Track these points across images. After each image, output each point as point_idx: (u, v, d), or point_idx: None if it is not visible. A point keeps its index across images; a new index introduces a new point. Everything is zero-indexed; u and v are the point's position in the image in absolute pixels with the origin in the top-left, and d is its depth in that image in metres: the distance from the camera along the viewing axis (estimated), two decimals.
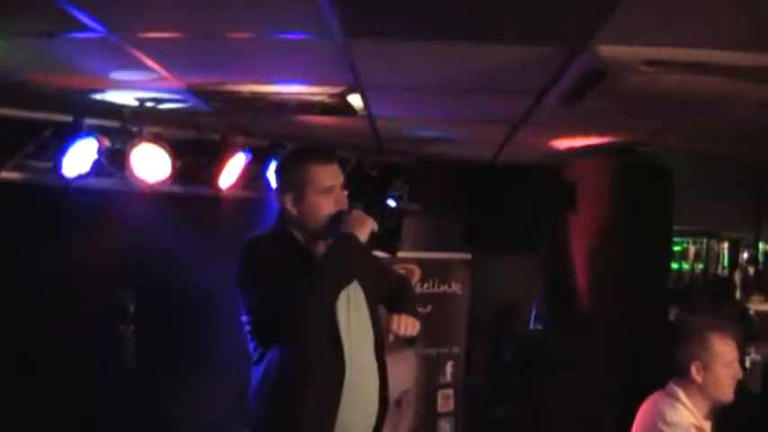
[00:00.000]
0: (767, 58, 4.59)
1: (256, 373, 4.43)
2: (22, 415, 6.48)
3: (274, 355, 4.34)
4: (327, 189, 4.38)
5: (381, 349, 4.61)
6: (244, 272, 4.35)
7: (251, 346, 4.47)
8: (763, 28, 4.10)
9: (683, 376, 4.89)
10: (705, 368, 4.81)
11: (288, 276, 4.16)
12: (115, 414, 6.93)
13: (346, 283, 4.30)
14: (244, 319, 4.44)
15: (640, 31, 4.28)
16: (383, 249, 4.54)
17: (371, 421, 4.54)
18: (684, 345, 4.92)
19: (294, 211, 4.41)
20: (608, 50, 4.57)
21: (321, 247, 4.41)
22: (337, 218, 4.37)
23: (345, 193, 4.49)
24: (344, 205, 4.43)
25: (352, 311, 4.46)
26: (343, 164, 8.62)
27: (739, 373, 4.88)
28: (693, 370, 4.82)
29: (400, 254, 6.26)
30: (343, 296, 4.36)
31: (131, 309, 6.69)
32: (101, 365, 6.75)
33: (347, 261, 4.26)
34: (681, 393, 4.88)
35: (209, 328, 7.35)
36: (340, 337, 4.32)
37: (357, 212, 4.35)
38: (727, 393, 4.85)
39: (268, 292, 4.19)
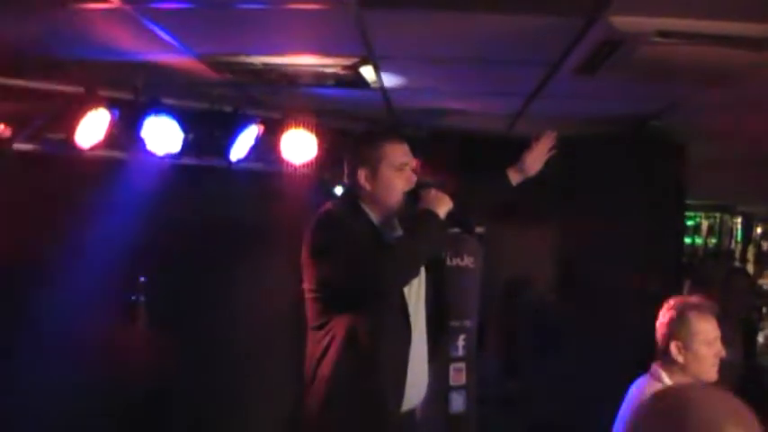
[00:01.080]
0: None
1: (316, 338, 4.62)
2: (32, 390, 6.50)
3: (343, 322, 4.50)
4: (401, 166, 4.57)
5: (431, 323, 4.75)
6: (320, 242, 4.53)
7: (313, 313, 4.66)
8: None
9: (665, 357, 4.89)
10: (685, 348, 4.80)
11: (364, 248, 4.29)
12: (125, 386, 6.97)
13: (427, 257, 4.44)
14: (307, 287, 4.62)
15: (654, 1, 4.27)
16: (461, 227, 4.72)
17: (423, 389, 4.76)
18: (664, 325, 4.92)
19: (368, 186, 4.59)
20: (622, 21, 4.56)
21: (393, 224, 4.52)
22: (414, 196, 4.49)
23: (414, 174, 4.60)
24: (413, 185, 4.64)
25: (414, 286, 4.62)
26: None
27: (722, 352, 4.86)
28: (674, 350, 4.81)
29: None
30: None
31: (142, 279, 6.72)
32: (112, 335, 6.78)
33: (431, 237, 4.39)
34: (664, 375, 4.89)
35: (221, 297, 7.37)
36: (408, 307, 4.54)
37: (436, 192, 4.47)
38: (709, 372, 4.84)
39: (347, 261, 4.37)
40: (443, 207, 4.51)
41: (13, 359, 6.42)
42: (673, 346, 4.81)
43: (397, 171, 4.59)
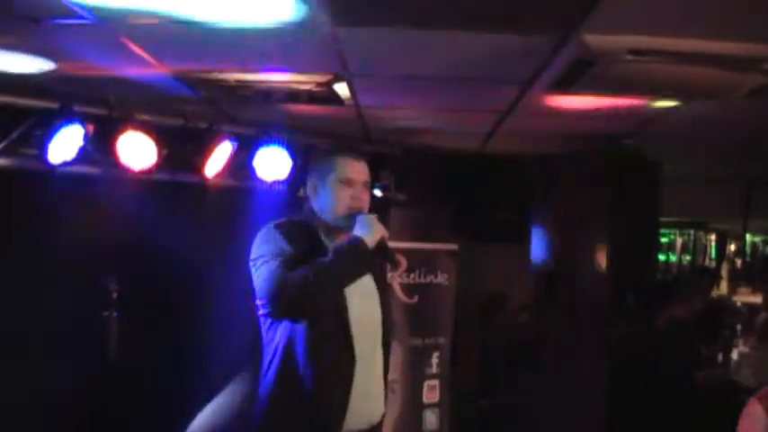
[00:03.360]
0: (754, 47, 4.60)
1: (266, 354, 4.61)
2: (6, 401, 6.47)
3: (283, 337, 4.50)
4: (348, 181, 4.54)
5: (388, 342, 4.72)
6: (252, 256, 4.53)
7: (261, 328, 4.65)
8: (748, 16, 4.11)
9: None
10: None
11: (278, 266, 4.29)
12: (98, 401, 6.94)
13: (342, 284, 4.38)
14: (256, 302, 4.60)
15: (626, 20, 4.29)
16: (384, 257, 4.63)
17: (380, 403, 4.68)
18: None
19: (314, 198, 4.57)
20: (594, 39, 4.58)
21: (340, 240, 4.51)
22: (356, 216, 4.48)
23: (367, 194, 4.57)
24: (363, 204, 4.58)
25: (365, 304, 4.62)
26: None
27: None
28: None
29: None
30: (357, 289, 4.52)
31: (114, 295, 6.70)
32: (84, 352, 6.75)
33: (350, 264, 4.36)
34: None
35: (193, 314, 7.36)
36: (349, 327, 4.47)
37: (371, 216, 4.43)
38: None
39: (262, 278, 4.38)
40: (375, 234, 4.46)
41: None
42: None
43: (344, 186, 4.56)
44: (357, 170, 4.61)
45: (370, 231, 4.42)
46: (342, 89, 6.32)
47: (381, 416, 4.75)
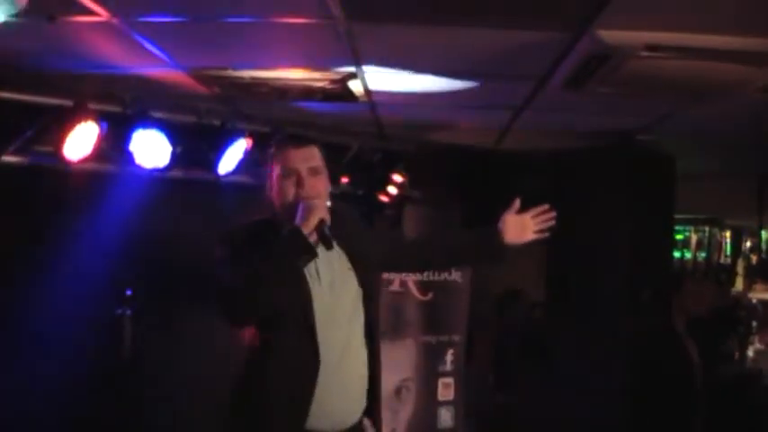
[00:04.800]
0: None
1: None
2: (19, 400, 6.48)
3: (251, 337, 4.43)
4: (290, 171, 4.33)
5: (371, 335, 4.60)
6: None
7: None
8: (763, 11, 4.10)
9: None
10: None
11: (221, 270, 4.25)
12: (111, 398, 6.95)
13: (274, 278, 4.25)
14: None
15: (642, 16, 4.28)
16: (322, 240, 4.41)
17: (356, 403, 4.54)
18: None
19: (268, 193, 4.45)
20: (609, 35, 4.57)
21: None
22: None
23: (318, 179, 4.41)
24: (312, 192, 4.34)
25: (337, 294, 4.44)
26: (343, 151, 8.66)
27: None
28: None
29: None
30: (325, 278, 4.40)
31: (129, 292, 6.70)
32: (99, 347, 6.76)
33: (283, 257, 4.24)
34: None
35: (206, 312, 7.36)
36: (313, 323, 4.32)
37: (311, 202, 4.28)
38: None
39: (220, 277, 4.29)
40: (310, 219, 4.31)
41: None
42: None
43: (288, 177, 4.42)
44: (299, 158, 4.34)
45: (306, 216, 4.27)
46: (356, 86, 6.32)
47: (359, 418, 4.64)
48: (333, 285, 4.43)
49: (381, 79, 6.20)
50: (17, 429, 6.62)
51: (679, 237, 15.99)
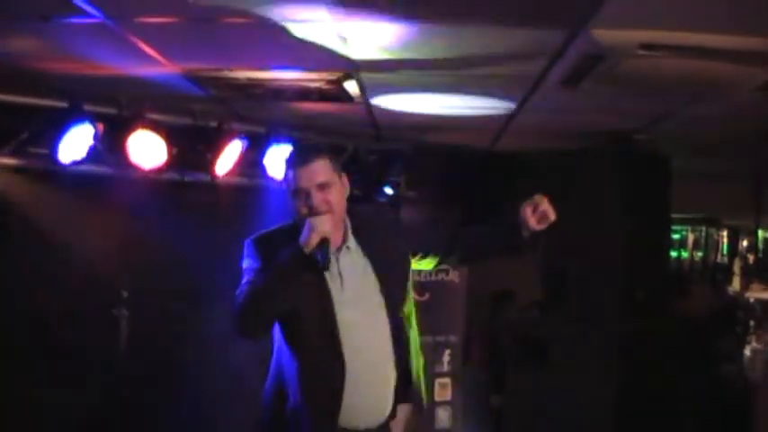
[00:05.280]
0: (763, 41, 4.58)
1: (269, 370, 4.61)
2: (16, 401, 6.48)
3: (278, 348, 4.51)
4: (298, 192, 4.35)
5: (398, 332, 4.60)
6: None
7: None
8: (758, 10, 4.10)
9: None
10: None
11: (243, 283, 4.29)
12: (109, 400, 6.95)
13: (278, 295, 4.27)
14: None
15: (637, 15, 4.28)
16: (321, 262, 4.42)
17: (385, 402, 4.57)
18: None
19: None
20: (604, 34, 4.56)
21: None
22: None
23: (325, 193, 4.41)
24: (323, 207, 4.33)
25: (361, 299, 4.48)
26: (339, 151, 8.66)
27: None
28: None
29: None
30: (349, 284, 4.43)
31: (125, 294, 6.70)
32: (95, 350, 6.76)
33: (281, 276, 4.26)
34: None
35: (203, 313, 7.36)
36: (336, 330, 4.36)
37: (314, 218, 4.29)
38: None
39: (235, 296, 4.32)
40: (312, 236, 4.30)
41: None
42: None
43: (297, 197, 4.40)
44: (305, 177, 4.34)
45: (308, 233, 4.29)
46: (352, 87, 6.32)
47: (389, 414, 4.70)
48: (360, 290, 4.48)
49: (377, 79, 6.21)
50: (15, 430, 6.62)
51: (676, 236, 16.02)
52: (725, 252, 16.72)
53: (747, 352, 9.63)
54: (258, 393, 4.62)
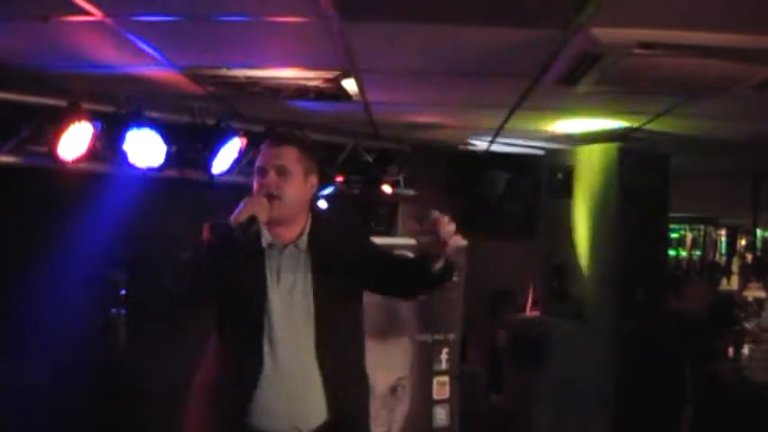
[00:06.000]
0: (761, 39, 4.59)
1: None
2: (14, 399, 6.49)
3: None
4: (259, 170, 4.37)
5: (320, 342, 4.46)
6: None
7: None
8: (756, 8, 4.10)
9: None
10: None
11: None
12: (106, 398, 6.95)
13: (193, 270, 4.27)
14: None
15: (634, 13, 4.28)
16: (244, 240, 4.39)
17: (317, 412, 4.45)
18: None
19: None
20: (602, 32, 4.57)
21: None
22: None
23: (279, 176, 4.38)
24: (274, 191, 4.33)
25: (297, 298, 4.43)
26: (338, 149, 8.67)
27: None
28: None
29: (396, 240, 6.09)
30: (285, 281, 4.41)
31: (123, 292, 6.70)
32: (93, 346, 6.76)
33: (205, 249, 4.25)
34: None
35: (200, 312, 7.36)
36: (262, 322, 4.35)
37: (247, 199, 4.28)
38: None
39: None
40: (244, 211, 4.22)
41: None
42: None
43: (258, 176, 4.37)
44: (267, 156, 4.38)
45: (238, 213, 4.23)
46: (350, 85, 6.32)
47: (324, 422, 4.56)
48: (293, 289, 4.42)
49: (375, 78, 6.21)
50: (12, 428, 6.62)
51: (674, 235, 15.99)
52: (723, 251, 16.72)
53: (745, 351, 9.65)
54: None
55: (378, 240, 5.06)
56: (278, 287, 4.38)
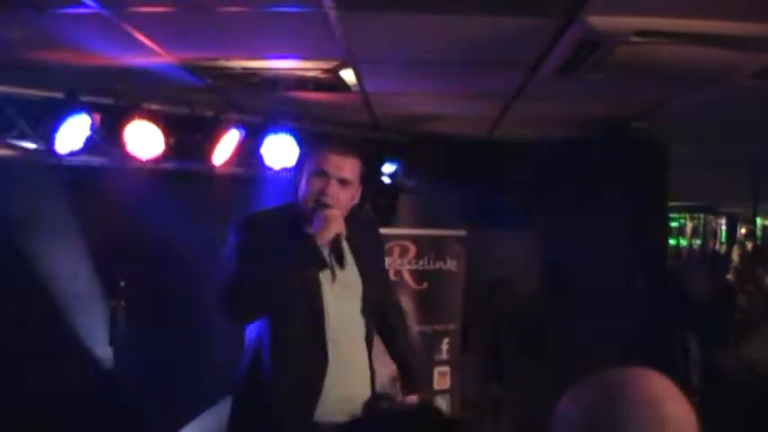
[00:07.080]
0: (759, 27, 4.58)
1: (244, 350, 4.59)
2: (13, 392, 6.49)
3: (255, 333, 4.49)
4: (320, 173, 4.37)
5: (369, 340, 4.68)
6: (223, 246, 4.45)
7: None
8: None
9: None
10: None
11: (235, 262, 4.28)
12: (106, 390, 6.95)
13: (282, 281, 4.27)
14: None
15: (631, 1, 4.27)
16: (336, 258, 4.47)
17: (362, 392, 4.62)
18: None
19: (297, 187, 4.48)
20: (599, 20, 4.56)
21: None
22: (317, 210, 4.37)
23: (342, 191, 4.42)
24: (331, 201, 4.37)
25: (343, 301, 4.52)
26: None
27: None
28: None
29: (396, 230, 6.05)
30: (335, 285, 4.47)
31: (122, 284, 6.70)
32: (93, 340, 6.76)
33: (292, 263, 4.26)
34: None
35: (200, 303, 7.37)
36: (323, 321, 4.40)
37: (330, 212, 4.31)
38: None
39: (219, 275, 4.33)
40: (329, 231, 4.35)
41: None
42: None
43: (316, 178, 4.31)
44: (335, 164, 4.39)
45: (323, 228, 4.29)
46: (348, 75, 6.31)
47: (368, 398, 4.68)
48: (344, 286, 4.52)
49: (373, 68, 6.21)
50: (13, 419, 6.62)
51: (674, 224, 16.02)
52: (723, 240, 16.74)
53: (746, 339, 9.65)
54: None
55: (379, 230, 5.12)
56: (333, 286, 4.46)
